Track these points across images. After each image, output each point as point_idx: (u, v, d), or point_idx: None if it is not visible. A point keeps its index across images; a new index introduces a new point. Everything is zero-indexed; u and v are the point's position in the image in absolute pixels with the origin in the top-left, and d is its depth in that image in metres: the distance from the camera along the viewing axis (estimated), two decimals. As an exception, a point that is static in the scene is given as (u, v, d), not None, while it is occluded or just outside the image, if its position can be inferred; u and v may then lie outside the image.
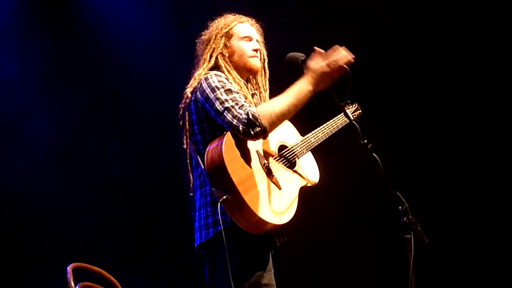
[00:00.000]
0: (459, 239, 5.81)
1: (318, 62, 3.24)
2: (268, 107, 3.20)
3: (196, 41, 3.60)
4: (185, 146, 3.38)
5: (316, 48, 3.27)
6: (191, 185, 3.40)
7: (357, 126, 3.20)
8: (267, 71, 3.63)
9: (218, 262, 3.24)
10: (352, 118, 3.86)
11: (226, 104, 3.20)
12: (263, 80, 3.61)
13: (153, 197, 5.98)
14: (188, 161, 3.39)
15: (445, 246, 5.70)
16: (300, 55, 3.34)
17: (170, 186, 5.30)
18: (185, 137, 3.38)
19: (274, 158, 3.39)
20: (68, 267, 3.46)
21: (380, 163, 3.07)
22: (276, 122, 3.20)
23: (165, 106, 3.84)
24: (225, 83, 3.30)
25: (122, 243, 5.90)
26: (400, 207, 3.02)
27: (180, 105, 3.43)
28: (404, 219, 3.00)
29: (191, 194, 3.40)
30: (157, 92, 5.74)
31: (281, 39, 4.24)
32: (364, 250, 5.85)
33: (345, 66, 3.20)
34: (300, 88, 3.23)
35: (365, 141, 3.10)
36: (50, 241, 5.79)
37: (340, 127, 3.71)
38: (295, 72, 3.31)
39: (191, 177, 3.39)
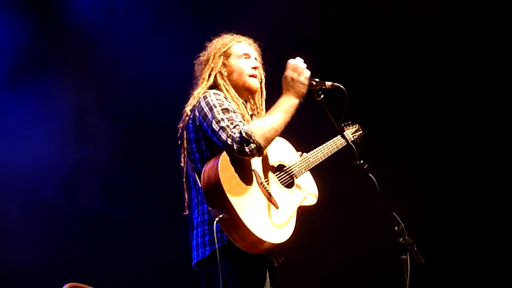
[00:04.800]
0: (455, 259, 5.84)
1: (288, 74, 3.35)
2: (260, 123, 3.22)
3: (194, 62, 3.62)
4: (182, 164, 3.38)
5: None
6: (189, 204, 3.40)
7: (353, 146, 3.23)
8: (264, 91, 3.64)
9: (215, 281, 3.21)
10: (350, 139, 3.91)
11: (222, 124, 3.21)
12: (259, 100, 3.62)
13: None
14: (185, 179, 3.39)
15: (441, 267, 5.71)
16: None
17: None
18: (182, 155, 3.38)
19: (272, 177, 3.38)
20: (64, 287, 3.48)
21: (376, 184, 3.08)
22: (269, 137, 3.21)
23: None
24: (223, 102, 3.30)
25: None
26: (396, 228, 3.03)
27: (179, 124, 3.43)
28: (400, 239, 3.01)
29: (188, 212, 3.41)
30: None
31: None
32: (361, 270, 5.86)
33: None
34: (285, 101, 3.30)
35: (361, 161, 3.12)
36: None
37: (340, 147, 3.70)
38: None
39: (188, 196, 3.40)
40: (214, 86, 3.48)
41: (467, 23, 5.89)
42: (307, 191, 3.54)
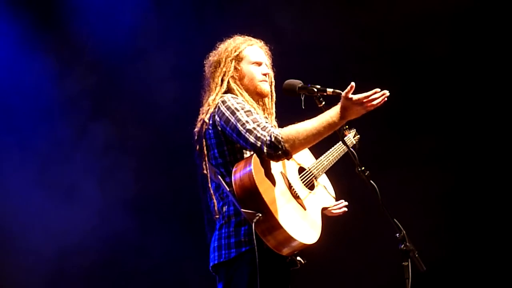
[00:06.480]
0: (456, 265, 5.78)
1: (354, 98, 3.13)
2: (293, 131, 3.17)
3: (204, 62, 3.62)
4: (205, 171, 3.38)
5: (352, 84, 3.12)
6: (211, 208, 3.40)
7: (355, 153, 3.22)
8: (274, 94, 3.62)
9: (236, 284, 3.25)
10: (352, 143, 3.97)
11: (248, 126, 3.21)
12: (269, 104, 3.61)
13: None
14: (209, 185, 3.39)
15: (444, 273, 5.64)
16: (298, 82, 3.34)
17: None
18: (204, 162, 3.38)
19: (296, 180, 3.41)
20: None
21: (377, 191, 3.05)
22: (299, 147, 3.18)
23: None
24: (244, 105, 3.31)
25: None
26: (397, 234, 2.99)
27: (195, 130, 3.45)
28: (402, 246, 2.97)
29: (211, 216, 3.41)
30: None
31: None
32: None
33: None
34: (331, 118, 3.16)
35: (362, 168, 3.10)
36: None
37: (347, 150, 3.58)
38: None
39: (211, 200, 3.39)
40: (228, 90, 3.48)
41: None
42: (326, 192, 3.58)
